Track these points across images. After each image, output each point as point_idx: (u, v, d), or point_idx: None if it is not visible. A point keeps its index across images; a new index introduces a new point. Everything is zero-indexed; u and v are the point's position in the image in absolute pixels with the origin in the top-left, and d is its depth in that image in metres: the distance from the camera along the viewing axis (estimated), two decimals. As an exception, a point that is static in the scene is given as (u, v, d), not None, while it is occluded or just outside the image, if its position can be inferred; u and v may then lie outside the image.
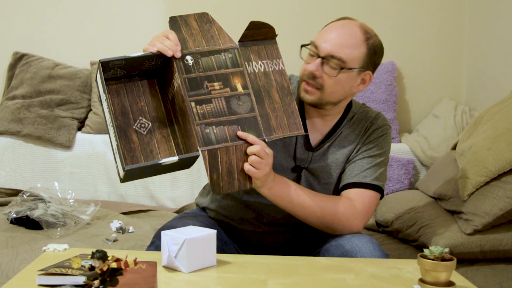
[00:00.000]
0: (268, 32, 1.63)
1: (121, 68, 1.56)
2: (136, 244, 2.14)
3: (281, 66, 1.63)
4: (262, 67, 1.62)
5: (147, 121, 1.61)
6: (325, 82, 1.66)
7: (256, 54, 1.62)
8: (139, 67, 1.59)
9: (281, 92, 1.61)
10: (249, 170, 1.53)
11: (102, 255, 1.15)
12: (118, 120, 1.60)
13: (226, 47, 1.60)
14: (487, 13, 3.00)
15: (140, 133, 1.60)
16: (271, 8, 3.13)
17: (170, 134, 1.62)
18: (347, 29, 1.67)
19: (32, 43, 3.10)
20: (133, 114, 1.61)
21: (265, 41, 1.64)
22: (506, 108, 2.24)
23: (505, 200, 1.99)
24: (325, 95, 1.68)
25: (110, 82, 1.61)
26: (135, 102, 1.62)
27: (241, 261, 1.53)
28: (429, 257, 1.33)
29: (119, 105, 1.61)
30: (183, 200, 2.82)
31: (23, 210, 2.25)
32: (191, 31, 1.61)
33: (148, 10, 3.13)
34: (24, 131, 2.82)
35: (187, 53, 1.58)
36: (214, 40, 1.61)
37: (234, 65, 1.60)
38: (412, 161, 2.81)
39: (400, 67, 3.17)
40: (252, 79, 1.60)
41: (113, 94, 1.61)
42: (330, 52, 1.64)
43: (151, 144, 1.60)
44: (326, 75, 1.65)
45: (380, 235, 2.32)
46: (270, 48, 1.64)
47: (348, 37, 1.66)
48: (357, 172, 1.73)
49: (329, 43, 1.65)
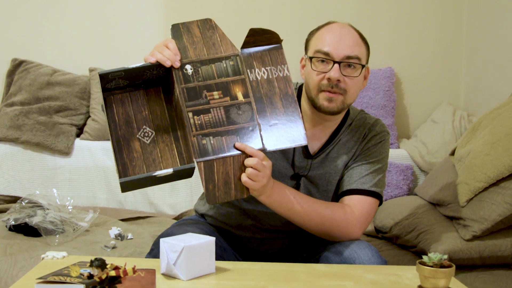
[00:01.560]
0: (272, 37, 1.60)
1: (122, 79, 1.56)
2: (135, 251, 2.13)
3: (285, 72, 1.59)
4: (265, 74, 1.58)
5: (150, 130, 1.61)
6: (347, 85, 1.68)
7: (259, 60, 1.59)
8: (141, 77, 1.58)
9: (284, 100, 1.57)
10: (246, 182, 1.52)
11: (101, 263, 1.16)
12: (122, 130, 1.59)
13: (228, 55, 1.58)
14: (485, 19, 3.01)
15: (144, 142, 1.60)
16: (273, 12, 3.14)
17: (174, 142, 1.61)
18: (345, 29, 1.71)
19: (31, 50, 3.10)
20: (137, 123, 1.61)
21: (270, 46, 1.61)
22: (504, 114, 2.24)
23: (503, 206, 1.99)
24: (348, 98, 1.70)
25: (115, 92, 1.60)
26: (140, 111, 1.61)
27: (240, 268, 1.53)
28: (428, 264, 1.33)
29: (123, 114, 1.60)
30: (182, 207, 2.81)
31: (21, 217, 2.25)
32: (192, 39, 1.59)
33: (147, 17, 3.14)
34: (23, 138, 2.82)
35: (187, 62, 1.56)
36: (215, 47, 1.58)
37: (235, 72, 1.57)
38: (411, 166, 2.82)
39: (398, 72, 3.18)
40: (254, 87, 1.57)
41: (118, 103, 1.61)
42: (346, 54, 1.67)
43: (153, 153, 1.59)
44: (348, 77, 1.67)
45: (379, 241, 2.31)
46: (275, 54, 1.60)
47: (352, 37, 1.70)
48: (356, 178, 1.73)
49: (341, 46, 1.67)
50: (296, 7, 3.15)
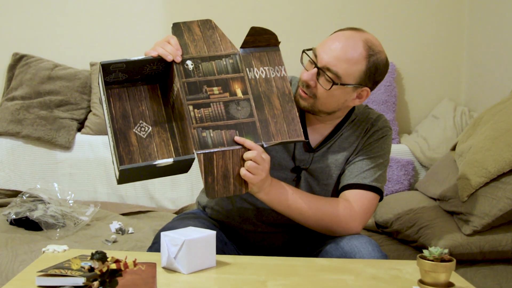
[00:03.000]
0: (271, 38, 1.63)
1: (122, 72, 1.57)
2: (135, 245, 2.14)
3: (283, 73, 1.63)
4: (263, 73, 1.61)
5: (147, 125, 1.62)
6: (318, 92, 1.66)
7: (258, 60, 1.62)
8: (140, 72, 1.59)
9: (282, 99, 1.60)
10: (245, 175, 1.53)
11: (101, 256, 1.16)
12: (119, 123, 1.60)
13: (228, 53, 1.60)
14: (486, 14, 3.00)
15: (140, 136, 1.61)
16: (273, 12, 3.14)
17: (170, 138, 1.63)
18: (351, 42, 1.63)
19: (32, 44, 3.10)
20: (133, 118, 1.62)
21: (268, 47, 1.64)
22: (505, 109, 2.24)
23: (504, 201, 1.99)
24: (318, 104, 1.67)
25: (112, 86, 1.62)
26: (136, 106, 1.63)
27: (240, 262, 1.53)
28: (429, 258, 1.33)
29: (120, 108, 1.62)
30: (183, 201, 2.81)
31: (22, 211, 2.25)
32: (193, 37, 1.61)
33: (148, 11, 3.13)
34: (24, 132, 2.82)
35: (188, 58, 1.58)
36: (215, 46, 1.61)
37: (234, 70, 1.60)
38: (412, 162, 2.82)
39: (400, 68, 3.17)
40: (252, 85, 1.59)
41: (115, 98, 1.62)
42: (327, 64, 1.63)
43: (150, 148, 1.61)
44: (320, 86, 1.65)
45: (379, 236, 2.32)
46: (272, 55, 1.63)
47: (349, 51, 1.62)
48: (357, 173, 1.73)
49: (328, 54, 1.63)
50: (296, 6, 3.15)
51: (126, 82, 1.62)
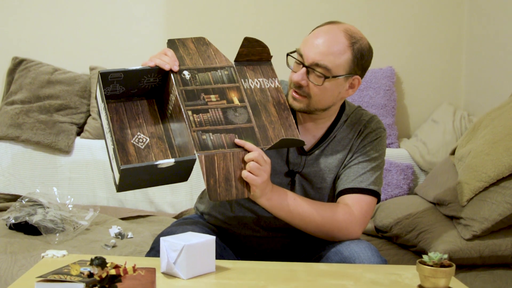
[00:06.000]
0: (263, 52, 1.67)
1: (120, 84, 1.58)
2: (135, 250, 2.14)
3: (276, 84, 1.67)
4: (258, 84, 1.65)
5: (145, 136, 1.63)
6: (311, 90, 1.66)
7: (251, 72, 1.66)
8: (137, 84, 1.61)
9: (277, 107, 1.63)
10: (248, 177, 1.53)
11: (101, 262, 1.16)
12: (116, 134, 1.62)
13: (223, 65, 1.64)
14: (485, 18, 3.01)
15: (138, 147, 1.62)
16: (274, 11, 3.14)
17: (168, 149, 1.64)
18: (331, 35, 1.65)
19: (31, 48, 3.10)
20: (131, 130, 1.64)
21: (260, 62, 1.68)
22: (505, 113, 2.24)
23: (504, 206, 1.99)
24: (313, 102, 1.68)
25: (109, 100, 1.63)
26: (134, 119, 1.65)
27: (240, 267, 1.53)
28: (428, 263, 1.33)
29: (118, 121, 1.64)
30: (182, 206, 2.81)
31: (21, 216, 2.25)
32: (188, 51, 1.65)
33: (147, 16, 3.13)
34: (23, 136, 2.82)
35: (185, 68, 1.62)
36: (210, 59, 1.65)
37: (230, 81, 1.63)
38: (411, 166, 2.82)
39: (399, 72, 3.18)
40: (248, 94, 1.62)
41: (112, 111, 1.64)
42: (314, 60, 1.64)
43: (148, 158, 1.61)
44: (312, 83, 1.65)
45: (379, 241, 2.31)
46: (265, 69, 1.68)
47: (332, 44, 1.64)
48: (353, 177, 1.73)
49: (313, 51, 1.64)
50: (296, 5, 3.15)
51: (123, 96, 1.64)
